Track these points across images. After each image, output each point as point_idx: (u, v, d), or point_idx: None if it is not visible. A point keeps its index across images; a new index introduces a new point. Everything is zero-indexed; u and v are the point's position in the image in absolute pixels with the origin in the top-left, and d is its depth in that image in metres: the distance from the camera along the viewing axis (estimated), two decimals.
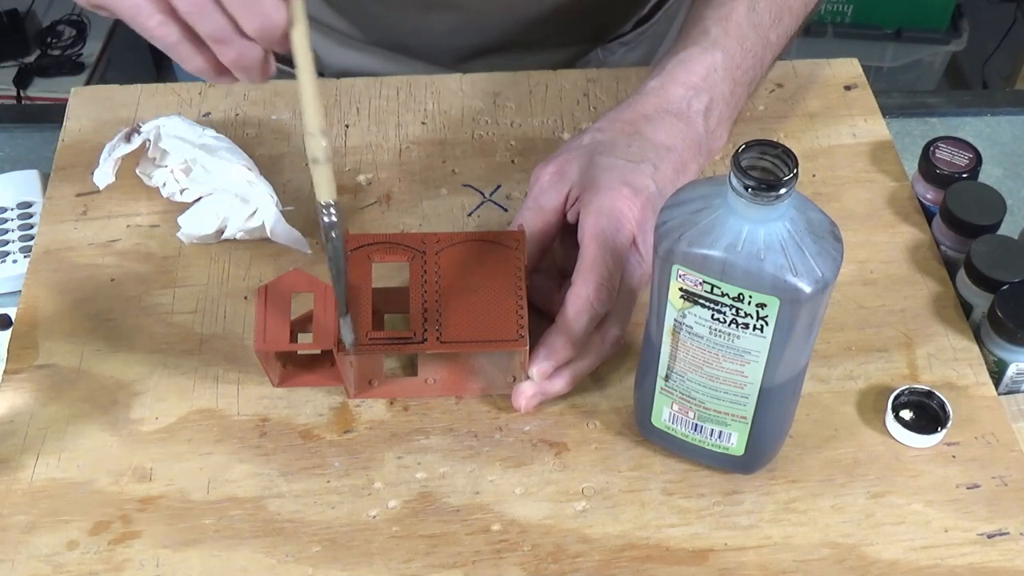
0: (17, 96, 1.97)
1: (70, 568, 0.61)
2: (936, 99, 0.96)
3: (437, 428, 0.67)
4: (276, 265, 0.75)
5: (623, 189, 0.66)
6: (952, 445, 0.66)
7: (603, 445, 0.66)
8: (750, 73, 0.73)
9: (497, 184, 0.80)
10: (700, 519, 0.63)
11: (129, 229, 0.77)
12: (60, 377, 0.69)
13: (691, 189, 0.56)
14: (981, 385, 0.69)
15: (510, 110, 0.86)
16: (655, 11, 0.99)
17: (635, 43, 0.99)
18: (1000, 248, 0.71)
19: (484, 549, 0.62)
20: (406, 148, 0.83)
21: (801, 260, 0.52)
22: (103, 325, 0.72)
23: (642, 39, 0.99)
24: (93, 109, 0.84)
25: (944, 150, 0.78)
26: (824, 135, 0.84)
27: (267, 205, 0.74)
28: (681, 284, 0.55)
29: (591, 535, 0.62)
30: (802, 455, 0.66)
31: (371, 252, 0.67)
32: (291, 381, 0.68)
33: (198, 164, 0.76)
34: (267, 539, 0.62)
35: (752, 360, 0.57)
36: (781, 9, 0.74)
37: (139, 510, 0.63)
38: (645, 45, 1.00)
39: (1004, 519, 0.63)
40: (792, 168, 0.51)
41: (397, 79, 0.88)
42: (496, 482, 0.64)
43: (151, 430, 0.67)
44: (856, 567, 0.61)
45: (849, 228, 0.74)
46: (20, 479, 0.64)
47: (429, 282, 0.66)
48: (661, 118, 0.69)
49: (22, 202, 0.82)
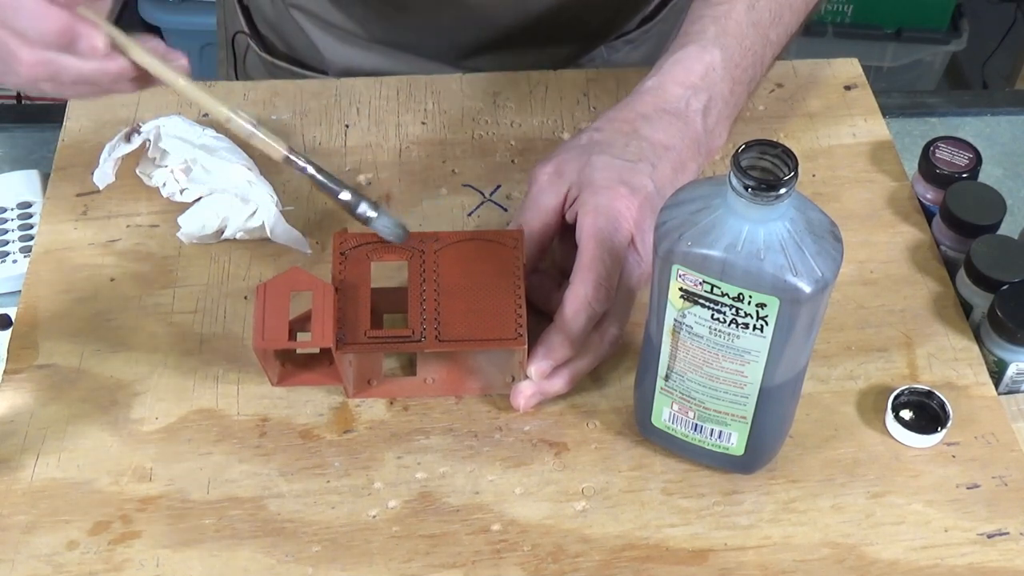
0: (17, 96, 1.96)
1: (70, 568, 0.61)
2: (936, 99, 0.96)
3: (437, 428, 0.67)
4: (276, 265, 0.75)
5: (621, 189, 0.66)
6: (952, 445, 0.66)
7: (603, 445, 0.66)
8: (750, 72, 0.73)
9: (497, 184, 0.80)
10: (700, 519, 0.63)
11: (129, 229, 0.77)
12: (60, 377, 0.69)
13: (691, 189, 0.56)
14: (981, 385, 0.69)
15: (510, 110, 0.86)
16: (660, 8, 0.99)
17: (640, 41, 0.99)
18: (1000, 248, 0.71)
19: (484, 549, 0.62)
20: (406, 148, 0.83)
21: (801, 260, 0.52)
22: (103, 325, 0.72)
23: (647, 37, 0.99)
24: (93, 109, 0.84)
25: (944, 150, 0.78)
26: (824, 135, 0.84)
27: (267, 205, 0.74)
28: (681, 284, 0.55)
29: (591, 535, 0.62)
30: (802, 455, 0.66)
31: (370, 251, 0.67)
32: (290, 380, 0.68)
33: (198, 164, 0.76)
34: (267, 539, 0.62)
35: (752, 360, 0.57)
36: (781, 7, 0.74)
37: (139, 510, 0.63)
38: (650, 43, 1.00)
39: (1004, 519, 0.63)
40: (792, 168, 0.51)
41: (397, 79, 0.88)
42: (496, 482, 0.64)
43: (151, 430, 0.67)
44: (856, 567, 0.61)
45: (849, 228, 0.74)
46: (20, 479, 0.64)
47: (428, 281, 0.66)
48: (659, 117, 0.69)
49: (22, 202, 0.82)
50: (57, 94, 0.62)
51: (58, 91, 0.61)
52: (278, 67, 0.97)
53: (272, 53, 0.98)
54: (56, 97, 0.64)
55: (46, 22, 0.57)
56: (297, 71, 0.95)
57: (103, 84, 0.61)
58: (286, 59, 0.98)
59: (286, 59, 0.98)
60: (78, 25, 0.58)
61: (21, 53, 0.58)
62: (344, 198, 0.65)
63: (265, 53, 0.98)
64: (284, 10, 0.94)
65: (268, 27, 0.98)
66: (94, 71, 0.59)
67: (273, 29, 0.98)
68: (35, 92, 0.62)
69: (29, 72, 0.59)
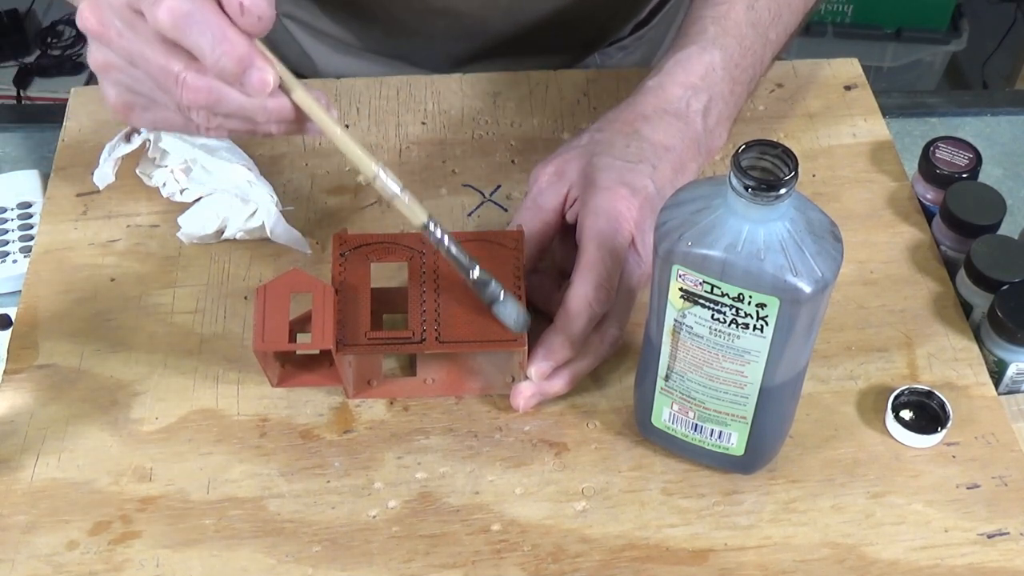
0: (17, 96, 1.97)
1: (70, 568, 0.61)
2: (936, 99, 0.96)
3: (437, 428, 0.67)
4: (276, 265, 0.75)
5: (621, 189, 0.66)
6: (952, 445, 0.66)
7: (603, 445, 0.66)
8: (749, 71, 0.73)
9: (497, 184, 0.80)
10: (700, 519, 0.63)
11: (129, 229, 0.77)
12: (60, 377, 0.69)
13: (691, 189, 0.56)
14: (981, 385, 0.69)
15: (510, 110, 0.86)
16: (653, 15, 0.99)
17: (633, 47, 0.99)
18: (1000, 248, 0.71)
19: (484, 549, 0.62)
20: (406, 148, 0.83)
21: (801, 260, 0.52)
22: (103, 325, 0.72)
23: (640, 43, 0.99)
24: (93, 109, 0.84)
25: (944, 150, 0.78)
26: (824, 135, 0.84)
27: (267, 205, 0.74)
28: (681, 284, 0.55)
29: (591, 535, 0.62)
30: (802, 455, 0.66)
31: (370, 252, 0.67)
32: (290, 381, 0.68)
33: (198, 164, 0.76)
34: (267, 539, 0.62)
35: (752, 360, 0.57)
36: (781, 7, 0.74)
37: (139, 510, 0.63)
38: (643, 49, 1.00)
39: (1004, 519, 0.63)
40: (792, 168, 0.51)
41: (397, 79, 0.87)
42: (496, 482, 0.64)
43: (151, 430, 0.67)
44: (856, 567, 0.61)
45: (849, 228, 0.74)
46: (20, 479, 0.64)
47: (428, 282, 0.66)
48: (659, 118, 0.69)
49: (22, 202, 0.82)
50: (203, 129, 0.58)
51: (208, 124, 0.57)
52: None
53: None
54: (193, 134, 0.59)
55: (229, 46, 0.53)
56: None
57: (258, 121, 0.57)
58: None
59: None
60: (255, 56, 0.54)
61: (187, 77, 0.54)
62: (475, 276, 0.63)
63: None
64: (276, 18, 0.94)
65: None
66: (256, 107, 0.56)
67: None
68: (177, 127, 0.58)
69: (191, 97, 0.54)
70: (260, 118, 0.56)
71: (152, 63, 0.54)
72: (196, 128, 0.58)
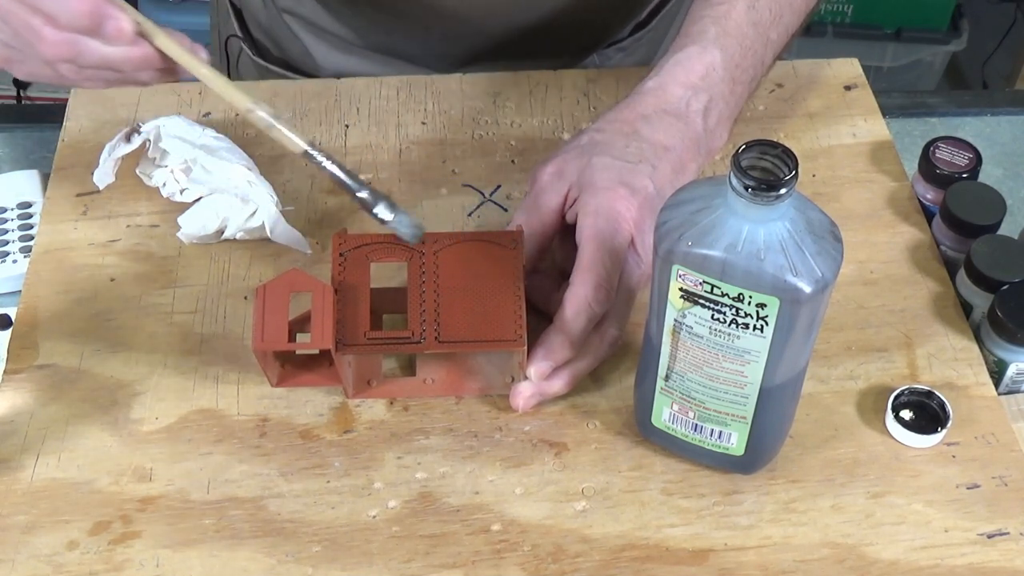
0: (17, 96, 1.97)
1: (70, 568, 0.61)
2: (936, 99, 0.96)
3: (437, 428, 0.67)
4: (276, 265, 0.75)
5: (621, 189, 0.66)
6: (952, 445, 0.66)
7: (603, 445, 0.66)
8: (750, 72, 0.73)
9: (497, 184, 0.80)
10: (700, 519, 0.63)
11: (129, 229, 0.77)
12: (60, 377, 0.69)
13: (691, 189, 0.56)
14: (981, 385, 0.69)
15: (510, 110, 0.86)
16: (652, 16, 0.99)
17: (632, 48, 0.99)
18: (1000, 248, 0.71)
19: (484, 549, 0.62)
20: (406, 148, 0.83)
21: (801, 260, 0.52)
22: (103, 325, 0.72)
23: (639, 45, 0.99)
24: (93, 109, 0.84)
25: (944, 150, 0.78)
26: (824, 135, 0.84)
27: (267, 205, 0.74)
28: (681, 284, 0.55)
29: (591, 535, 0.62)
30: (802, 455, 0.66)
31: (369, 252, 0.67)
32: (289, 381, 0.68)
33: (198, 164, 0.76)
34: (267, 539, 0.62)
35: (752, 360, 0.57)
36: (782, 7, 0.74)
37: (139, 510, 0.63)
38: (642, 50, 1.00)
39: (1004, 519, 0.63)
40: (792, 168, 0.51)
41: (397, 79, 0.88)
42: (496, 482, 0.64)
43: (151, 430, 0.67)
44: (856, 567, 0.61)
45: (849, 228, 0.74)
46: (20, 479, 0.64)
47: (427, 282, 0.66)
48: (659, 118, 0.69)
49: (22, 202, 0.82)
50: (75, 81, 0.61)
51: (77, 76, 0.60)
52: (271, 71, 0.97)
53: (265, 57, 0.98)
54: (70, 86, 0.64)
55: (75, 2, 0.56)
56: (290, 76, 0.95)
57: (126, 70, 0.60)
58: (279, 64, 0.97)
59: (279, 64, 0.97)
60: (106, 7, 0.57)
61: (45, 32, 0.57)
62: (362, 196, 0.64)
63: (258, 57, 0.98)
64: (277, 15, 0.94)
65: (261, 32, 0.98)
66: (118, 56, 0.59)
67: (266, 34, 0.97)
68: (53, 79, 0.61)
69: (51, 52, 0.58)
70: (127, 67, 0.60)
71: (18, 19, 0.58)
72: (66, 80, 0.61)
